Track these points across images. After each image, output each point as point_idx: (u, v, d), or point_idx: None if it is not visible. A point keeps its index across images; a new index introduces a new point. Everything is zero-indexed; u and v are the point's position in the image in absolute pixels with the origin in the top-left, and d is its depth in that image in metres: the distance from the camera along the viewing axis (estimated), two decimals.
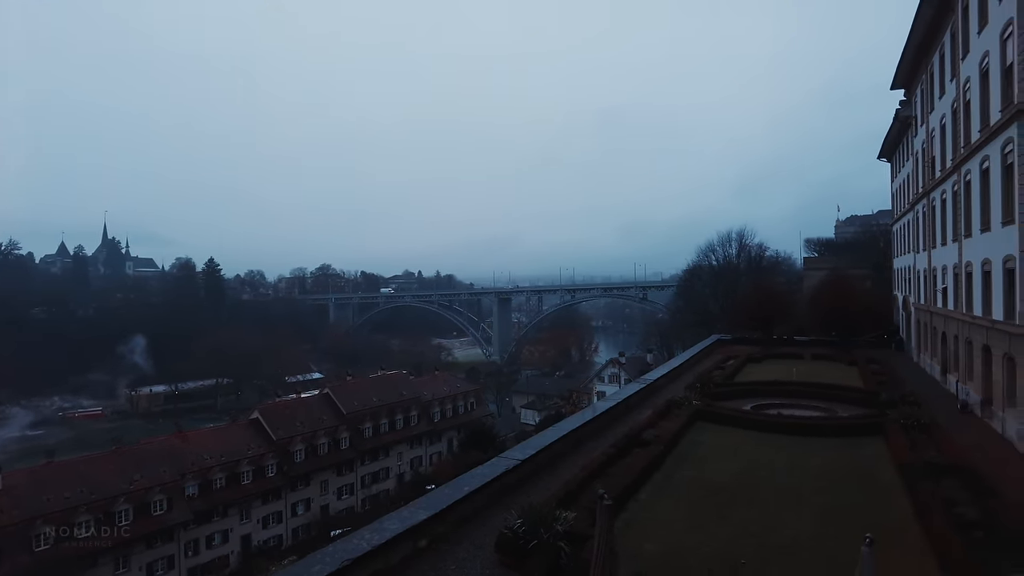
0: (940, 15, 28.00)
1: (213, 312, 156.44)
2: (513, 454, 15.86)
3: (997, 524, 11.31)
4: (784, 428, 20.91)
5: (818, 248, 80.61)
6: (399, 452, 66.57)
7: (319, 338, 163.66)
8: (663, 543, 11.92)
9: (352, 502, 61.03)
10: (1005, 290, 19.49)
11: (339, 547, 9.90)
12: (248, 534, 51.82)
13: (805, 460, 17.51)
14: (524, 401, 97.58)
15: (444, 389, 74.75)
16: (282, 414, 59.01)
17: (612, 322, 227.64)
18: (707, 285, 77.06)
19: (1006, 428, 19.91)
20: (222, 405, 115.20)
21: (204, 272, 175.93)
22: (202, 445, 51.16)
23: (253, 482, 52.19)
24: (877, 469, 16.50)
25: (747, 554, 11.37)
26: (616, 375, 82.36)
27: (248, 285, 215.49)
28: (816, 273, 60.15)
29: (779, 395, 26.70)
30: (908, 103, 39.73)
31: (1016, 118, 17.90)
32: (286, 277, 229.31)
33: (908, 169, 40.70)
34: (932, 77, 31.24)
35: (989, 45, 20.83)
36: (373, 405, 65.05)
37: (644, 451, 16.95)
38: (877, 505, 13.89)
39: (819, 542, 11.85)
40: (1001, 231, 19.83)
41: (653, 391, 27.56)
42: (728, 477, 16.05)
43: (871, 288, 55.25)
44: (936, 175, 30.56)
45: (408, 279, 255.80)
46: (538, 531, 10.56)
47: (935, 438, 17.93)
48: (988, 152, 21.13)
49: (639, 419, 20.90)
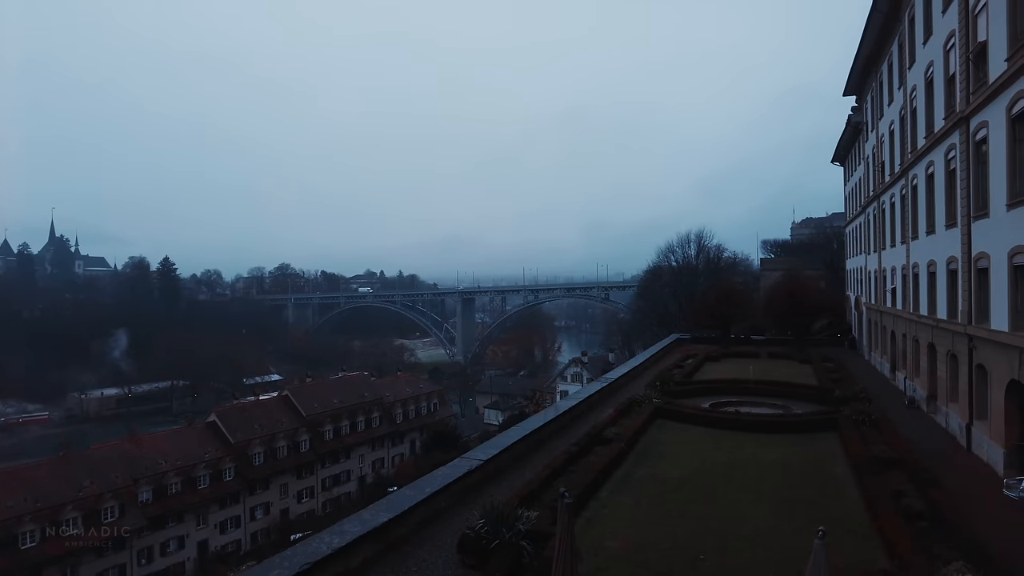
0: (889, 25, 29.00)
1: (168, 313, 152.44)
2: (476, 454, 15.85)
3: (940, 514, 11.79)
4: (742, 425, 21.34)
5: (774, 249, 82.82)
6: (361, 454, 65.87)
7: (278, 339, 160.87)
8: (624, 539, 12.07)
9: (313, 505, 60.16)
10: (948, 290, 20.33)
11: (298, 550, 9.75)
12: (205, 540, 50.63)
13: (762, 456, 17.92)
14: (488, 401, 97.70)
15: (407, 390, 74.27)
16: (240, 417, 57.82)
17: (575, 322, 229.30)
18: (667, 285, 78.27)
19: (949, 422, 20.76)
20: (178, 408, 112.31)
21: (159, 272, 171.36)
22: (157, 449, 49.77)
23: (210, 486, 51.00)
24: (831, 464, 17.00)
25: (707, 548, 11.61)
26: (579, 374, 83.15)
27: (205, 285, 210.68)
28: (772, 274, 61.77)
29: (737, 393, 27.23)
30: (860, 109, 41.02)
31: (958, 126, 18.66)
32: (244, 277, 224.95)
33: (860, 173, 42.04)
34: (882, 85, 32.33)
35: (933, 55, 21.69)
36: (334, 407, 64.24)
37: (606, 449, 17.13)
38: (831, 498, 14.30)
39: (776, 535, 12.15)
40: (945, 233, 20.67)
41: (615, 390, 27.88)
42: (688, 473, 16.32)
43: (825, 288, 56.94)
44: (886, 179, 31.63)
45: (370, 279, 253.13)
46: (500, 531, 10.57)
47: (884, 433, 18.52)
48: (933, 158, 22.00)
49: (601, 417, 21.12)
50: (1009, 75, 14.58)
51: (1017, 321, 14.75)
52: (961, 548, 10.02)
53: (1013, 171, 14.93)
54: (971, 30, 17.73)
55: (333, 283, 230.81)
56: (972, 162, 17.89)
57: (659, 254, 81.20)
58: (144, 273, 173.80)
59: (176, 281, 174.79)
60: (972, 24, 17.65)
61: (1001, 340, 15.55)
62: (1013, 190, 14.89)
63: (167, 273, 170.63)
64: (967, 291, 18.23)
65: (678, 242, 78.51)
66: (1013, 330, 14.86)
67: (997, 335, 15.80)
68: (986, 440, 17.22)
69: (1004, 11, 15.06)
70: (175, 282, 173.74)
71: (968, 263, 18.13)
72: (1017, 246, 14.48)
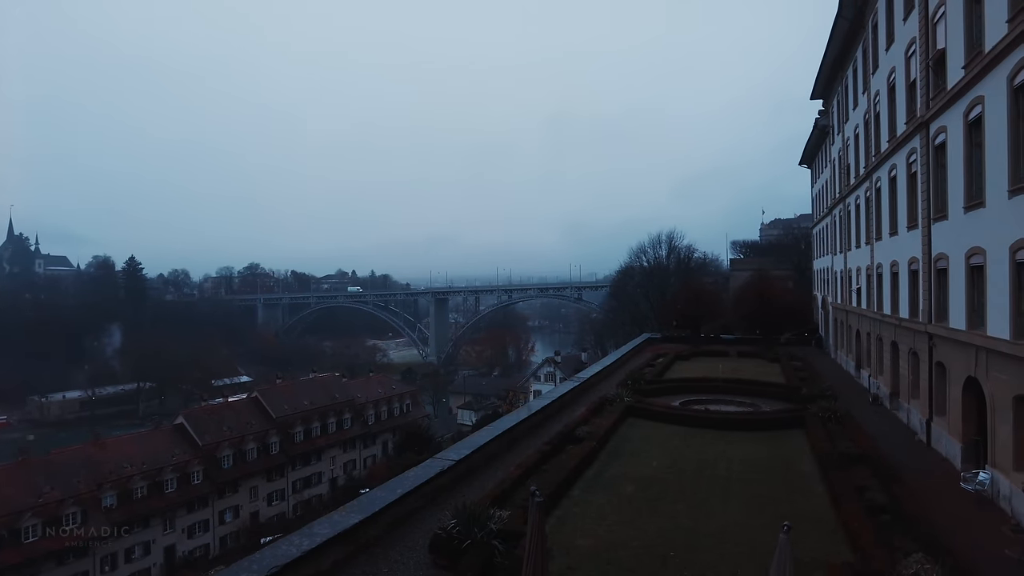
0: (853, 31, 29.69)
1: (134, 313, 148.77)
2: (448, 455, 15.82)
3: (901, 508, 12.14)
4: (711, 423, 21.67)
5: (743, 250, 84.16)
6: (332, 456, 65.11)
7: (247, 340, 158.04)
8: (595, 538, 12.17)
9: (283, 508, 59.26)
10: (910, 290, 20.90)
11: (267, 553, 9.63)
12: (172, 545, 49.48)
13: (732, 453, 18.21)
14: (461, 401, 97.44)
15: (379, 391, 73.64)
16: (208, 419, 56.63)
17: (548, 322, 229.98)
18: (639, 285, 79.06)
19: (910, 418, 21.34)
20: (144, 411, 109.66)
21: (124, 271, 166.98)
22: (122, 453, 48.45)
23: (178, 490, 49.85)
24: (798, 460, 17.34)
25: (677, 545, 11.76)
26: (552, 374, 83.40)
27: (172, 285, 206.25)
28: (741, 274, 62.73)
29: (707, 391, 27.62)
30: (826, 113, 41.93)
31: (919, 130, 19.20)
32: (212, 277, 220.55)
33: (826, 175, 42.94)
34: (847, 89, 33.08)
35: (895, 61, 22.27)
36: (304, 408, 63.41)
37: (578, 448, 17.24)
38: (798, 494, 14.61)
39: (745, 531, 12.36)
40: (907, 235, 21.24)
41: (587, 389, 28.07)
42: (658, 471, 16.51)
43: (793, 288, 58.08)
44: (851, 182, 32.37)
45: (342, 279, 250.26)
46: (472, 531, 10.57)
47: (849, 430, 18.96)
48: (895, 161, 22.58)
49: (573, 416, 21.23)
50: (966, 82, 15.04)
51: (973, 320, 15.23)
52: (921, 540, 10.34)
53: (970, 175, 15.41)
54: (930, 38, 18.25)
55: (303, 283, 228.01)
56: (932, 166, 18.41)
57: (631, 255, 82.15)
58: (109, 273, 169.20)
59: (142, 281, 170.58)
60: (931, 32, 18.17)
61: (959, 338, 16.04)
62: (969, 193, 15.37)
63: (133, 273, 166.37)
64: (927, 291, 18.76)
65: (650, 243, 79.50)
66: (970, 328, 15.34)
67: (955, 333, 16.29)
68: (945, 435, 17.75)
69: (961, 20, 15.55)
70: (141, 282, 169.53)
71: (928, 264, 18.67)
72: (973, 247, 14.95)
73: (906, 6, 20.73)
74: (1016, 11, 12.36)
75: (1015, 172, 12.79)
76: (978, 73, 14.26)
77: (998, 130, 13.46)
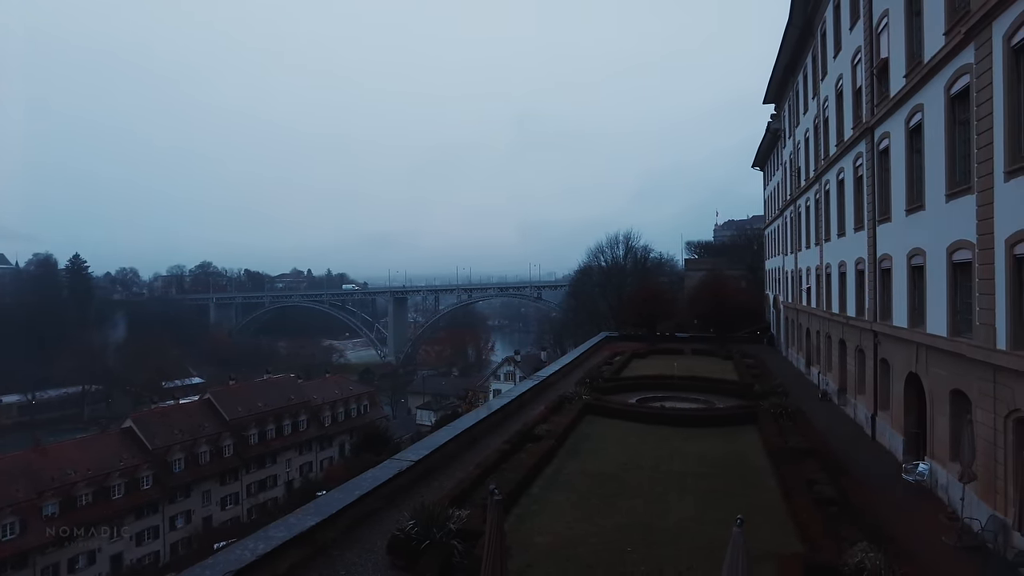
0: (804, 38, 30.63)
1: (79, 313, 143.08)
2: (406, 455, 15.70)
3: (847, 499, 12.61)
4: (667, 420, 22.06)
5: (698, 250, 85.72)
6: (288, 458, 63.93)
7: (199, 340, 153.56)
8: (553, 535, 12.27)
9: (238, 512, 57.90)
10: (856, 289, 21.68)
11: (220, 559, 9.42)
12: (119, 553, 47.76)
13: (687, 449, 18.57)
14: (420, 402, 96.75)
15: (335, 392, 72.65)
16: (159, 422, 54.91)
17: (508, 321, 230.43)
18: (597, 285, 79.88)
19: (857, 413, 22.14)
20: (90, 415, 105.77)
21: (68, 269, 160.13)
22: (65, 459, 46.51)
23: (125, 496, 48.16)
24: (751, 455, 17.79)
25: (634, 540, 11.94)
26: (512, 373, 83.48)
27: (120, 284, 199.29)
28: (696, 274, 63.97)
29: (662, 388, 28.11)
30: (779, 117, 43.12)
31: (864, 135, 19.95)
32: (162, 275, 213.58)
33: (778, 178, 44.16)
34: (798, 94, 34.09)
35: (843, 69, 23.07)
36: (259, 410, 62.11)
37: (536, 446, 17.35)
38: (751, 488, 14.98)
39: (700, 525, 12.63)
40: (854, 236, 22.03)
41: (546, 387, 28.25)
42: (616, 468, 16.73)
43: (745, 288, 59.49)
44: (801, 184, 33.35)
45: (296, 278, 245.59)
46: (431, 531, 10.53)
47: (800, 425, 19.55)
48: (843, 165, 23.39)
49: (532, 415, 21.35)
50: (907, 90, 15.70)
51: (915, 318, 15.91)
52: (865, 530, 10.78)
53: (911, 179, 16.09)
54: (875, 47, 18.98)
55: (257, 282, 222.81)
56: (877, 170, 19.15)
57: (590, 254, 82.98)
58: (51, 271, 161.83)
59: (87, 280, 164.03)
60: (876, 41, 18.90)
61: (901, 336, 16.73)
62: (911, 197, 16.05)
63: (77, 271, 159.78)
64: (873, 290, 19.50)
65: (607, 243, 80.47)
66: (911, 326, 16.02)
67: (898, 331, 16.98)
68: (888, 429, 18.49)
69: (902, 31, 16.23)
70: (86, 281, 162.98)
71: (874, 264, 19.41)
72: (914, 248, 15.61)
73: (852, 16, 21.52)
74: (952, 24, 12.97)
75: (951, 177, 13.43)
76: (918, 82, 14.90)
77: (936, 137, 14.11)
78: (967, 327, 12.75)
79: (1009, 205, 10.74)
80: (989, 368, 11.48)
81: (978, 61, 11.72)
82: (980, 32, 11.52)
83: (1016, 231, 10.45)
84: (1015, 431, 10.86)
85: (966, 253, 12.60)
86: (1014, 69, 10.62)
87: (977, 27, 11.52)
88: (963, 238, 12.63)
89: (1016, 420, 10.82)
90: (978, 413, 12.05)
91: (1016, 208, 10.50)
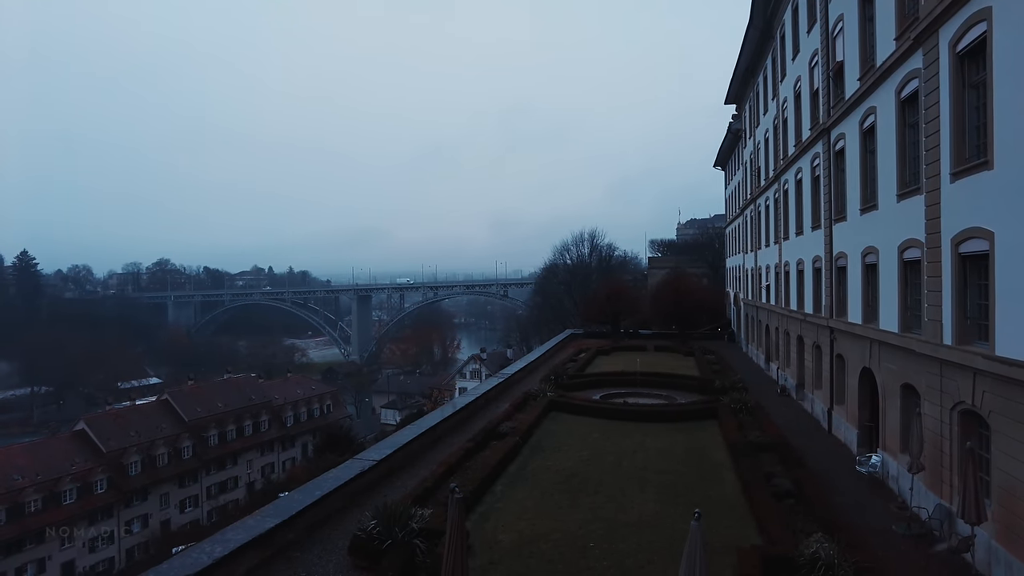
0: (763, 40, 31.24)
1: (27, 312, 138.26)
2: (369, 455, 15.55)
3: (804, 492, 12.94)
4: (630, 415, 22.28)
5: (661, 248, 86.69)
6: (249, 460, 62.81)
7: (157, 340, 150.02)
8: (517, 532, 12.28)
9: (197, 515, 56.71)
10: (814, 287, 22.23)
11: (176, 563, 9.17)
12: (71, 560, 46.30)
13: (649, 444, 18.79)
14: (385, 401, 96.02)
15: (297, 392, 71.68)
16: (114, 424, 53.37)
17: (474, 319, 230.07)
18: (563, 283, 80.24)
19: (814, 408, 22.72)
20: (40, 417, 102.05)
21: (15, 267, 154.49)
22: (12, 464, 44.91)
23: (78, 501, 46.71)
24: (712, 449, 18.09)
25: (596, 535, 12.03)
26: (477, 371, 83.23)
27: (72, 282, 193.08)
28: (659, 272, 64.77)
29: (625, 385, 28.37)
30: (739, 117, 43.89)
31: (821, 136, 20.44)
32: (118, 273, 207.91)
33: (739, 177, 44.97)
34: (758, 95, 34.74)
35: (801, 71, 23.61)
36: (219, 411, 60.87)
37: (501, 443, 17.35)
38: (712, 481, 15.25)
39: (661, 519, 12.80)
40: (811, 235, 22.56)
41: (511, 384, 28.28)
42: (579, 464, 16.84)
43: (707, 285, 60.52)
44: (761, 183, 34.01)
45: (257, 275, 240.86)
46: (393, 530, 10.43)
47: (759, 419, 19.96)
48: (801, 165, 23.94)
49: (497, 412, 21.34)
50: (861, 93, 16.15)
51: (868, 314, 16.39)
52: (820, 521, 11.07)
53: (865, 179, 16.57)
54: (831, 51, 19.46)
55: (217, 280, 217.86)
56: (833, 170, 19.65)
57: (555, 252, 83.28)
58: None
59: (36, 277, 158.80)
60: (831, 45, 19.39)
61: (856, 332, 17.20)
62: (865, 196, 16.52)
63: (25, 268, 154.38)
64: (829, 288, 20.02)
65: (573, 241, 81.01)
66: (865, 322, 16.50)
67: (853, 327, 17.46)
68: (843, 422, 19.02)
69: (857, 35, 16.69)
70: (35, 278, 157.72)
71: (830, 262, 19.92)
72: (868, 247, 16.08)
73: (809, 20, 22.04)
74: (903, 30, 13.38)
75: (903, 177, 13.86)
76: (871, 85, 15.34)
77: (888, 139, 14.54)
78: (917, 323, 13.18)
79: (954, 205, 11.14)
80: (936, 362, 11.89)
81: (926, 66, 12.11)
82: (927, 38, 11.90)
83: (961, 230, 10.83)
84: (960, 423, 11.28)
85: (916, 251, 13.02)
86: (959, 74, 11.00)
87: (925, 33, 11.90)
88: (913, 237, 13.04)
89: (961, 412, 11.23)
90: (926, 406, 12.47)
91: (961, 208, 10.89)
